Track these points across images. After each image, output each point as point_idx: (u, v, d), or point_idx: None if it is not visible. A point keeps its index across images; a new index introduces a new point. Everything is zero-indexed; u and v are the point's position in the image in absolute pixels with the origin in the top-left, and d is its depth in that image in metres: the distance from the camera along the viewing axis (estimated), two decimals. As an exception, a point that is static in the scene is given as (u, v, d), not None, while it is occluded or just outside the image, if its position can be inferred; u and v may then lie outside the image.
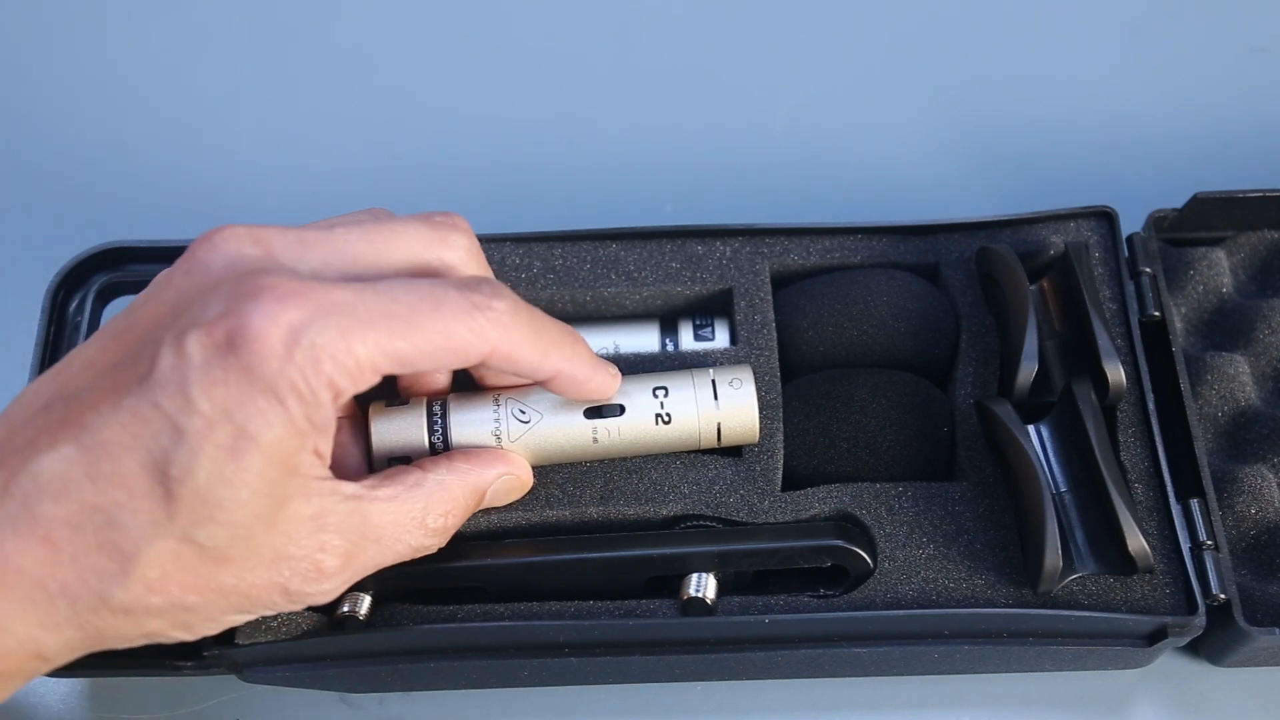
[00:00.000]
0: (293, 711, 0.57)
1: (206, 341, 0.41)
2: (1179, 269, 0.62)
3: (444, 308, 0.44)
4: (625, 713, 0.57)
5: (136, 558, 0.42)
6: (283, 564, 0.44)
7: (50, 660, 0.44)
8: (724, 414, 0.53)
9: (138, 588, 0.43)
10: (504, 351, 0.46)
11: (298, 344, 0.41)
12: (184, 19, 0.78)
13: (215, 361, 0.41)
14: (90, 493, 0.42)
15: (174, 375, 0.41)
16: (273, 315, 0.41)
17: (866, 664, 0.55)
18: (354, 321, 0.42)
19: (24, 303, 0.62)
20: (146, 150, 0.74)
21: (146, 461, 0.41)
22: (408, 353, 0.44)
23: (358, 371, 0.43)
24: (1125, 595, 0.53)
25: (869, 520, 0.54)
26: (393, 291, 0.44)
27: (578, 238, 0.60)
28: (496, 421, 0.52)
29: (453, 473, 0.49)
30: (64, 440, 0.42)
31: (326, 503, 0.45)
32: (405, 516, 0.47)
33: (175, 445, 0.41)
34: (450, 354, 0.45)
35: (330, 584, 0.46)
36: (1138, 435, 0.56)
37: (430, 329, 0.44)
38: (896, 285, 0.59)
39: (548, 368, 0.48)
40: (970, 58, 0.77)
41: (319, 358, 0.42)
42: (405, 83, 0.76)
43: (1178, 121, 0.74)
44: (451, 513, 0.49)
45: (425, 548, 0.49)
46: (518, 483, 0.52)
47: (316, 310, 0.42)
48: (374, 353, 0.43)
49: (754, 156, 0.74)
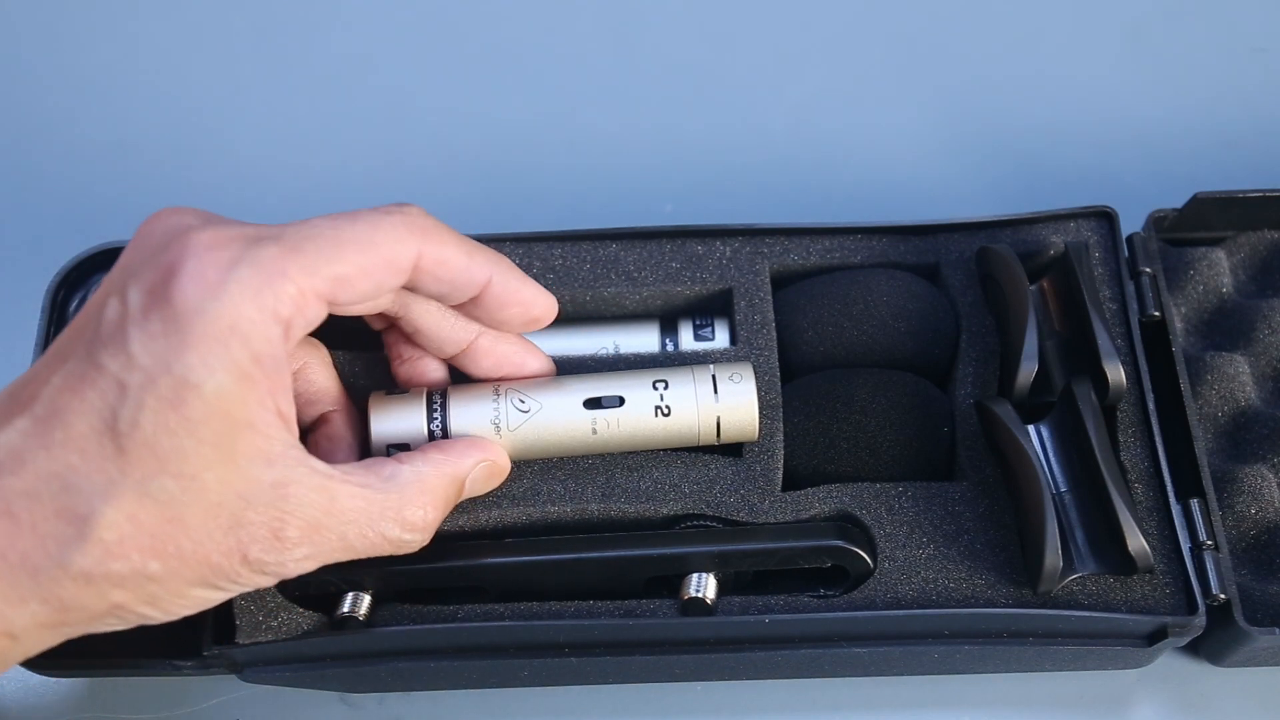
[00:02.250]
0: (293, 711, 0.57)
1: (143, 291, 0.43)
2: (1179, 269, 0.62)
3: (360, 219, 0.46)
4: (625, 713, 0.57)
5: (93, 520, 0.42)
6: (240, 529, 0.44)
7: (20, 640, 0.44)
8: (723, 408, 0.53)
9: (96, 551, 0.43)
10: (431, 254, 0.47)
11: (230, 277, 0.42)
12: (184, 18, 0.78)
13: (153, 311, 0.42)
14: (45, 460, 0.42)
15: (115, 332, 0.42)
16: (202, 257, 0.43)
17: (866, 664, 0.55)
18: (282, 248, 0.44)
19: (24, 303, 0.62)
20: (146, 150, 0.74)
21: (96, 422, 0.42)
22: (342, 270, 0.45)
23: (300, 297, 0.44)
24: (1125, 595, 0.53)
25: (869, 520, 0.54)
26: (312, 221, 0.46)
27: (578, 238, 0.60)
28: (496, 411, 0.52)
29: (429, 464, 0.49)
30: (18, 415, 0.43)
31: (292, 473, 0.45)
32: (379, 506, 0.47)
33: (121, 401, 0.42)
34: (382, 266, 0.46)
35: (293, 555, 0.46)
36: (1138, 435, 0.56)
37: (355, 240, 0.45)
38: (896, 285, 0.59)
39: (478, 271, 0.49)
40: (970, 58, 0.77)
41: (257, 288, 0.43)
42: (405, 83, 0.76)
43: (1178, 121, 0.74)
44: (430, 505, 0.48)
45: (405, 543, 0.48)
46: (495, 469, 0.52)
47: (245, 243, 0.43)
48: (310, 276, 0.44)
49: (754, 156, 0.74)
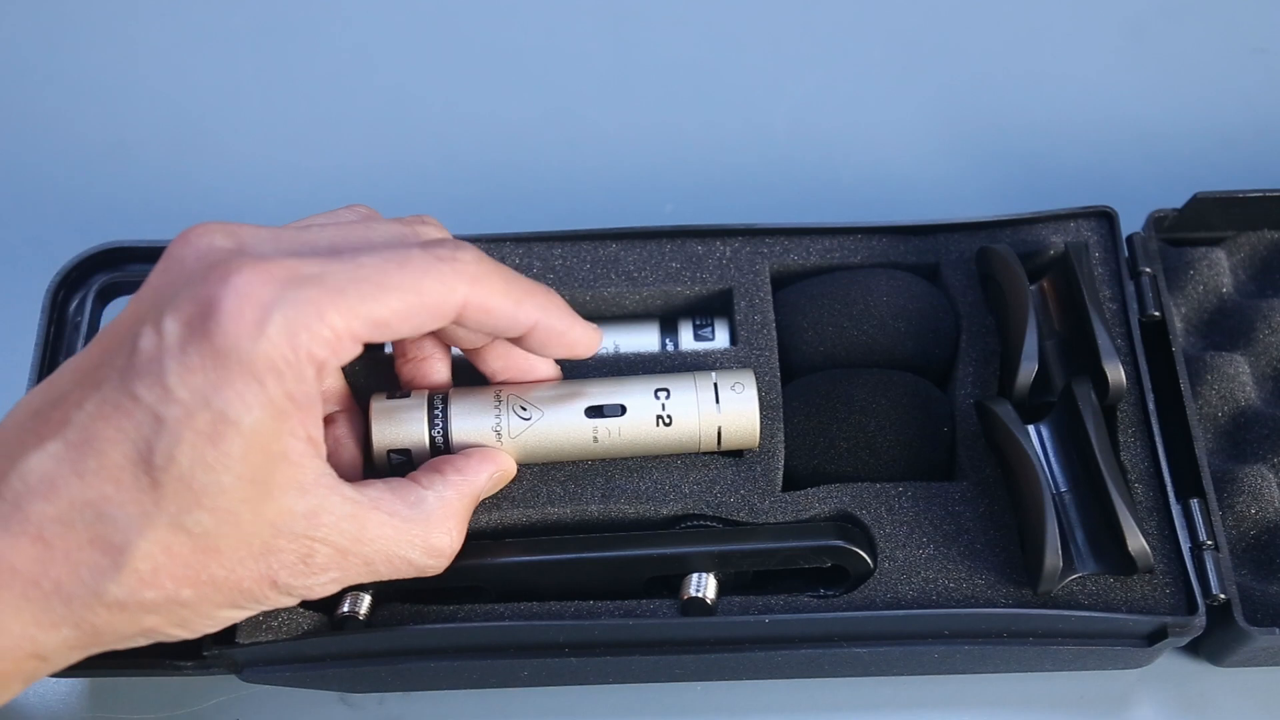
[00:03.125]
0: (293, 711, 0.57)
1: (180, 323, 0.42)
2: (1179, 269, 0.62)
3: (410, 264, 0.45)
4: (625, 713, 0.57)
5: (127, 551, 0.42)
6: (272, 556, 0.44)
7: (49, 660, 0.44)
8: (725, 418, 0.53)
9: (130, 581, 0.43)
10: (477, 303, 0.46)
11: (270, 319, 0.42)
12: (184, 19, 0.78)
13: (191, 346, 0.42)
14: (78, 488, 0.42)
15: (151, 363, 0.42)
16: (243, 293, 0.42)
17: (866, 664, 0.55)
18: (324, 290, 0.43)
19: (24, 303, 0.62)
20: (146, 150, 0.74)
21: (131, 453, 0.42)
22: (382, 315, 0.44)
23: (335, 341, 0.43)
24: (1125, 595, 0.53)
25: (869, 520, 0.54)
26: (358, 258, 0.44)
27: (578, 238, 0.60)
28: (497, 417, 0.52)
29: (450, 488, 0.49)
30: (50, 439, 0.42)
31: (324, 502, 0.45)
32: (405, 534, 0.47)
33: (157, 434, 0.42)
34: (424, 311, 0.45)
35: (320, 579, 0.46)
36: (1138, 435, 0.56)
37: (400, 287, 0.44)
38: (896, 285, 0.59)
39: (524, 317, 0.48)
40: (970, 57, 0.77)
41: (294, 330, 0.42)
42: (405, 83, 0.76)
43: (1178, 121, 0.74)
44: (454, 529, 0.49)
45: (427, 567, 0.48)
46: (505, 477, 0.52)
47: (286, 284, 0.42)
48: (349, 319, 0.43)
49: (754, 156, 0.74)
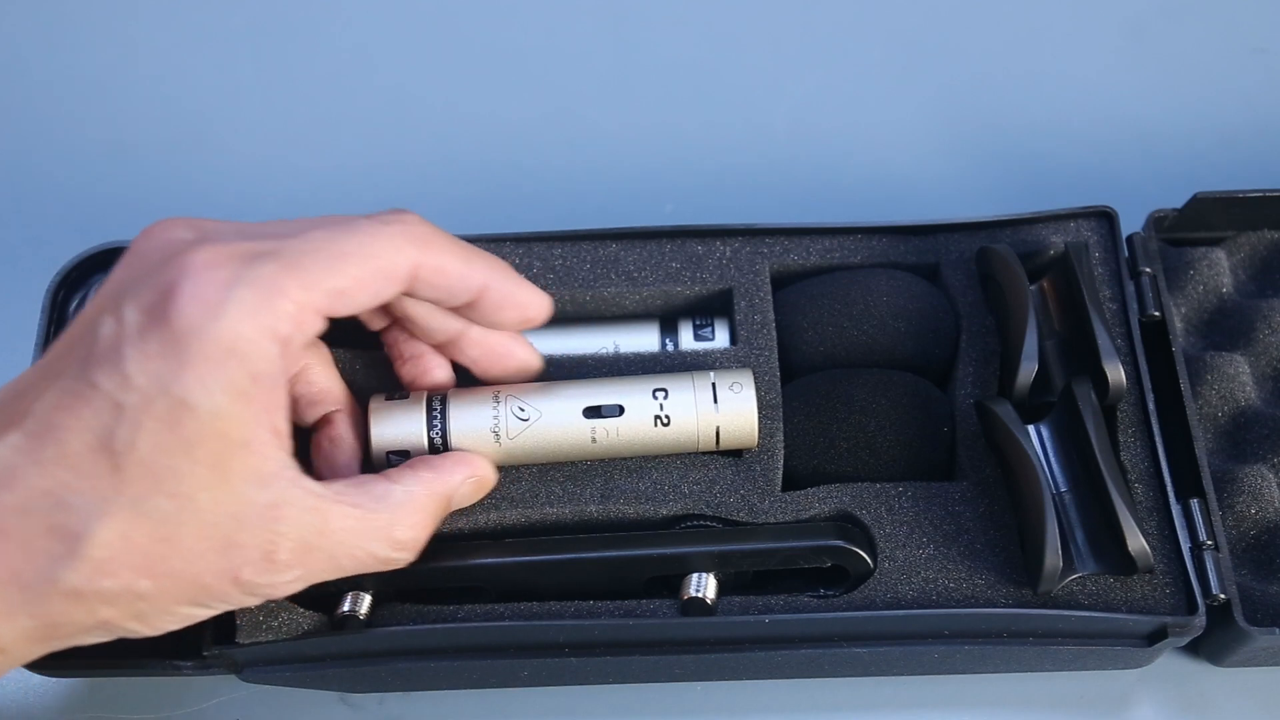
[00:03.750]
0: (293, 711, 0.57)
1: (140, 310, 0.42)
2: (1179, 269, 0.62)
3: (357, 230, 0.46)
4: (625, 713, 0.57)
5: (85, 538, 0.42)
6: (233, 550, 0.44)
7: (8, 652, 0.44)
8: (723, 418, 0.53)
9: (86, 568, 0.42)
10: (428, 263, 0.47)
11: (228, 299, 0.42)
12: (184, 19, 0.78)
13: (150, 332, 0.42)
14: (37, 477, 0.42)
15: (110, 351, 0.42)
16: (200, 276, 0.42)
17: (866, 664, 0.55)
18: (280, 265, 0.43)
19: (24, 303, 0.62)
20: (146, 150, 0.74)
21: (91, 440, 0.42)
22: (340, 284, 0.44)
23: (298, 314, 0.43)
24: (1125, 595, 0.53)
25: (869, 520, 0.54)
26: (305, 232, 0.45)
27: (578, 238, 0.60)
28: (495, 418, 0.52)
29: (419, 483, 0.49)
30: (10, 430, 0.43)
31: (286, 494, 0.44)
32: (369, 526, 0.47)
33: (117, 421, 0.42)
34: (379, 276, 0.46)
35: (284, 577, 0.46)
36: (1138, 435, 0.56)
37: (353, 254, 0.45)
38: (896, 285, 0.59)
39: (475, 275, 0.48)
40: (970, 57, 0.77)
41: (254, 308, 0.42)
42: (405, 83, 0.76)
43: (1178, 121, 0.74)
44: (419, 524, 0.48)
45: (392, 560, 0.48)
46: (483, 483, 0.52)
47: (242, 262, 0.43)
48: (308, 292, 0.44)
49: (754, 156, 0.74)
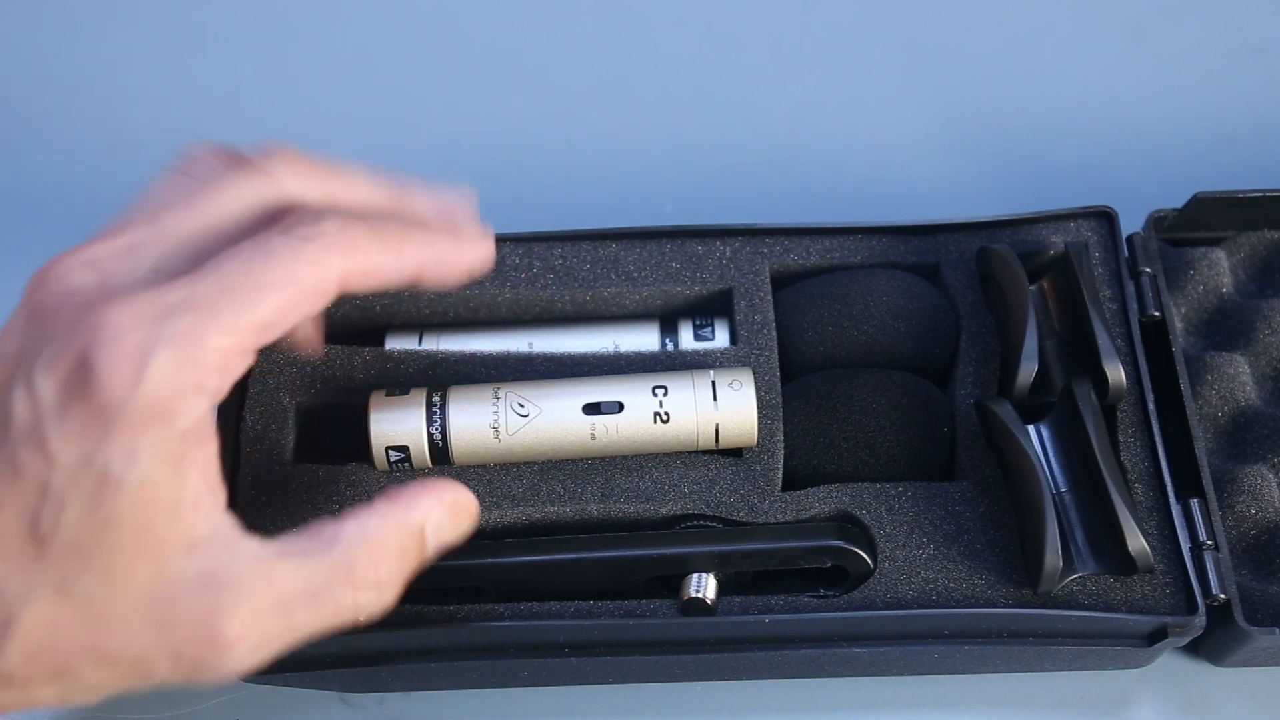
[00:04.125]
0: (293, 712, 0.57)
1: (55, 384, 0.40)
2: (1179, 269, 0.62)
3: (274, 256, 0.42)
4: (625, 713, 0.57)
5: (14, 624, 0.40)
6: (170, 629, 0.41)
7: None
8: (723, 415, 0.53)
9: (18, 656, 0.40)
10: (357, 269, 0.43)
11: (148, 363, 0.39)
12: (184, 19, 0.78)
13: (70, 407, 0.39)
14: None
15: (31, 430, 0.40)
16: (116, 343, 0.39)
17: (866, 664, 0.55)
18: (198, 315, 0.40)
19: (24, 303, 0.62)
20: (146, 150, 0.74)
21: (18, 525, 0.40)
22: (265, 317, 0.41)
23: (223, 362, 0.41)
24: (1125, 595, 0.53)
25: (869, 520, 0.54)
26: (220, 267, 0.41)
27: (578, 238, 0.60)
28: (495, 414, 0.52)
29: (374, 517, 0.44)
30: None
31: (220, 559, 0.41)
32: (324, 575, 0.43)
33: (42, 502, 0.40)
34: (305, 300, 0.42)
35: (234, 654, 0.41)
36: (1138, 435, 0.56)
37: (274, 283, 0.41)
38: (896, 285, 0.59)
39: (409, 263, 0.45)
40: (970, 57, 0.77)
41: (177, 368, 0.40)
42: (405, 83, 0.76)
43: (1178, 121, 0.74)
44: (382, 562, 0.44)
45: (365, 604, 0.44)
46: (457, 509, 0.47)
47: (155, 321, 0.40)
48: (231, 335, 0.40)
49: (754, 156, 0.74)
